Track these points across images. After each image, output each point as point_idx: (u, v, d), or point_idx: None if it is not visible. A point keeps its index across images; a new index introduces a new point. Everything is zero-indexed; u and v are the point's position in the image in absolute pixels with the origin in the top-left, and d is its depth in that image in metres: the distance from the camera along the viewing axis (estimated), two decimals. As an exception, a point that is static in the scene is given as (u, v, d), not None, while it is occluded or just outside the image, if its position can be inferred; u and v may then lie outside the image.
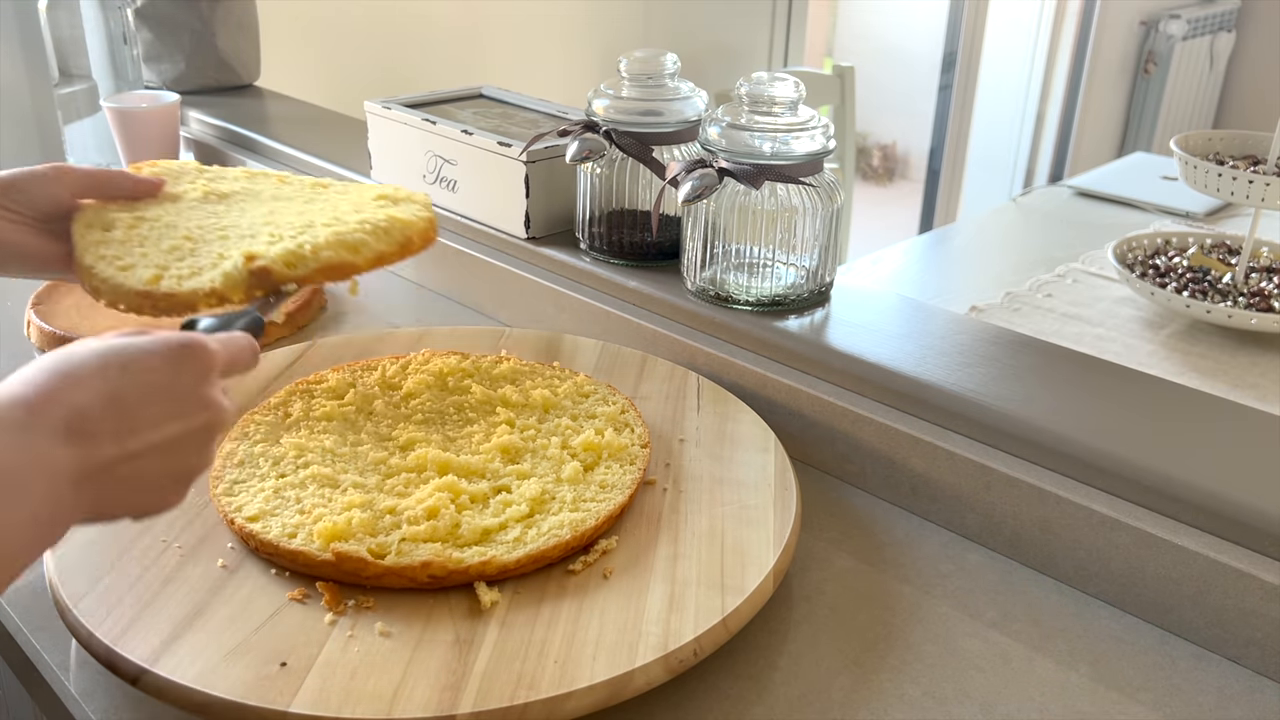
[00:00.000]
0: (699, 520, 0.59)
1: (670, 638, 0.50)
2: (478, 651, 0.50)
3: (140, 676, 0.47)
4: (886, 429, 0.67)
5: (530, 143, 0.86)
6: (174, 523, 0.58)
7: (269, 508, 0.57)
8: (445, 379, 0.72)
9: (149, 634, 0.49)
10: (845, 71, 2.09)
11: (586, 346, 0.79)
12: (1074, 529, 0.59)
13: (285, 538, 0.55)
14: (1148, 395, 0.67)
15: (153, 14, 1.35)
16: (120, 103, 1.20)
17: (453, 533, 0.56)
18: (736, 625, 0.52)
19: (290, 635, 0.50)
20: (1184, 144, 1.29)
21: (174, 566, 0.55)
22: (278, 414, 0.67)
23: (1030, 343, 0.74)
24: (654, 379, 0.75)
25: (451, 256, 0.95)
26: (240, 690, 0.46)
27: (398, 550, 0.54)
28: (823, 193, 0.75)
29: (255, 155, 1.22)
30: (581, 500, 0.59)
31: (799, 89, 0.75)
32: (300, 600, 0.53)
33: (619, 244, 0.85)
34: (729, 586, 0.54)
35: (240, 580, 0.54)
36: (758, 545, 0.57)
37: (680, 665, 0.50)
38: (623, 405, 0.69)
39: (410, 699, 0.46)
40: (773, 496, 0.61)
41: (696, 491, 0.62)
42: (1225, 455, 0.60)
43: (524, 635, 0.51)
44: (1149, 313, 1.30)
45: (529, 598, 0.53)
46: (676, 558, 0.56)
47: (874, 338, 0.73)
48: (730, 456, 0.65)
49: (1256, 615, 0.54)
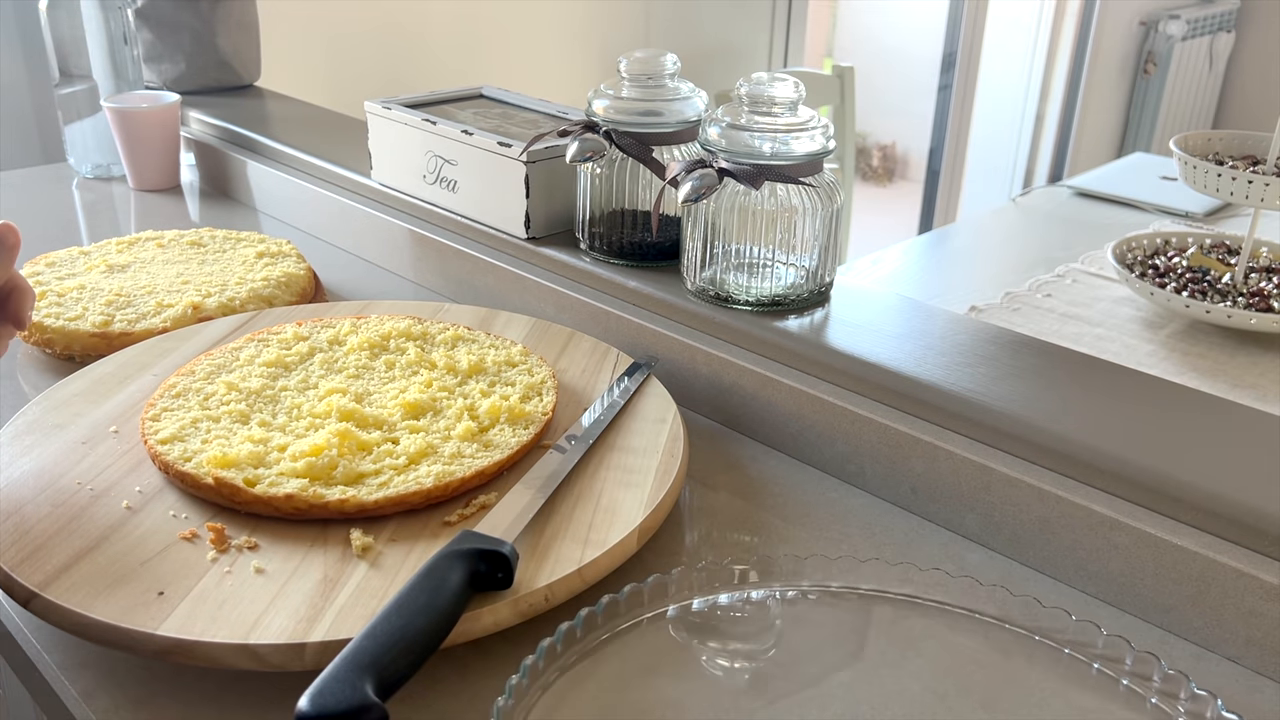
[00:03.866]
0: (581, 482, 0.63)
1: (524, 584, 0.53)
2: (340, 589, 0.53)
3: (30, 600, 0.52)
4: (886, 429, 0.67)
5: (530, 143, 0.86)
6: (93, 466, 0.62)
7: (180, 434, 0.63)
8: (388, 340, 0.76)
9: (45, 563, 0.54)
10: (845, 72, 2.09)
11: (518, 322, 0.82)
12: (1074, 529, 0.59)
13: (181, 460, 0.60)
14: (1147, 395, 0.67)
15: (153, 14, 1.35)
16: (120, 103, 1.20)
17: (326, 473, 0.60)
18: (593, 576, 0.56)
19: (173, 569, 0.54)
20: (1183, 144, 1.29)
21: (82, 506, 0.59)
22: (229, 356, 0.73)
23: (1030, 343, 0.74)
24: (576, 354, 0.78)
25: (451, 256, 0.95)
26: (116, 614, 0.50)
27: (270, 482, 0.59)
28: (822, 193, 0.75)
29: (255, 155, 1.22)
30: (460, 456, 0.63)
31: (799, 89, 0.75)
32: (190, 539, 0.57)
33: (619, 244, 0.85)
34: (592, 541, 0.57)
35: (140, 520, 0.58)
36: (630, 505, 0.60)
37: (530, 609, 0.53)
38: (544, 377, 0.72)
39: (268, 628, 0.50)
40: (657, 462, 0.64)
41: (586, 456, 0.65)
42: (1225, 455, 0.60)
43: (388, 576, 0.54)
44: (1148, 313, 1.30)
45: (401, 545, 0.57)
46: (549, 514, 0.59)
47: (874, 338, 0.73)
48: (627, 426, 0.68)
49: (1256, 615, 0.54)
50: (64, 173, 1.30)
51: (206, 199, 1.25)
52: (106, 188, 1.26)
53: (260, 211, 1.21)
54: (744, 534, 0.65)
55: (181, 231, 1.01)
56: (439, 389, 0.70)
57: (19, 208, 1.19)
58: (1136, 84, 3.34)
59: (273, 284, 0.89)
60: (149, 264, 0.94)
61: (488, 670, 0.53)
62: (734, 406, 0.75)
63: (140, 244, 0.98)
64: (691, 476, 0.70)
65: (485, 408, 0.67)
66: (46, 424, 0.66)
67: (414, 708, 0.51)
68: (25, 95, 1.44)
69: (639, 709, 0.50)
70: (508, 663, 0.53)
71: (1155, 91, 3.29)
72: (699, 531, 0.65)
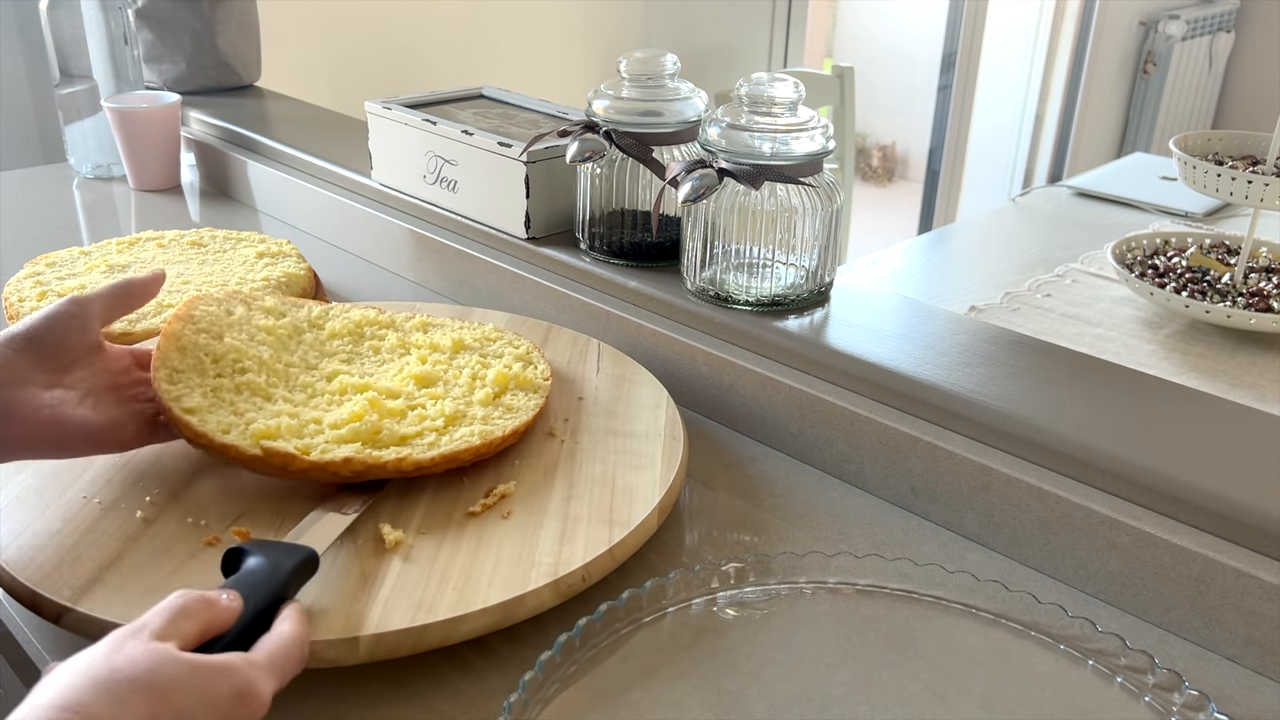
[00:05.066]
0: (593, 467, 0.64)
1: (560, 565, 0.55)
2: (381, 583, 0.54)
3: (62, 615, 0.51)
4: (886, 429, 0.67)
5: (530, 143, 0.86)
6: (95, 479, 0.62)
7: (205, 404, 0.62)
8: (362, 328, 0.76)
9: (70, 578, 0.53)
10: (845, 72, 2.09)
11: (494, 317, 0.83)
12: (1074, 529, 0.59)
13: (219, 432, 0.59)
14: (1147, 395, 0.67)
15: (153, 14, 1.35)
16: (121, 103, 1.20)
17: (373, 436, 0.61)
18: (623, 555, 0.57)
19: (205, 574, 0.54)
20: (1183, 144, 1.29)
21: (94, 519, 0.58)
22: (220, 309, 0.71)
23: (1029, 343, 0.74)
24: (558, 345, 0.79)
25: (451, 256, 0.95)
26: None
27: (321, 449, 0.59)
28: (822, 193, 0.75)
29: (255, 155, 1.22)
30: (491, 418, 0.65)
31: (799, 89, 0.75)
32: (214, 544, 0.56)
33: (619, 244, 0.85)
34: (617, 521, 0.59)
35: (157, 530, 0.58)
36: (645, 487, 0.62)
37: (569, 590, 0.54)
38: (528, 347, 0.74)
39: (320, 624, 0.50)
40: (662, 445, 0.66)
41: (591, 443, 0.67)
42: (1225, 455, 0.60)
43: (425, 569, 0.55)
44: (1148, 313, 1.30)
45: (431, 537, 0.58)
46: (570, 499, 0.61)
47: (874, 338, 0.73)
48: (625, 412, 0.70)
49: (1256, 615, 0.54)
50: (64, 173, 1.30)
51: (207, 199, 1.25)
52: (107, 188, 1.26)
53: (260, 211, 1.21)
54: (744, 534, 0.65)
55: (182, 232, 1.01)
56: (434, 364, 0.71)
57: (19, 208, 1.19)
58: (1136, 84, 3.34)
59: (273, 284, 0.89)
60: (149, 264, 0.94)
61: (490, 670, 0.53)
62: (734, 406, 0.75)
63: (141, 244, 0.98)
64: (691, 476, 0.70)
65: (492, 376, 0.69)
66: None
67: (417, 707, 0.51)
68: (25, 95, 1.44)
69: (639, 710, 0.50)
70: (510, 662, 0.54)
71: (1155, 91, 3.29)
72: (699, 531, 0.65)
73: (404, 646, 0.51)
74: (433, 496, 0.61)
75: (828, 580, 0.58)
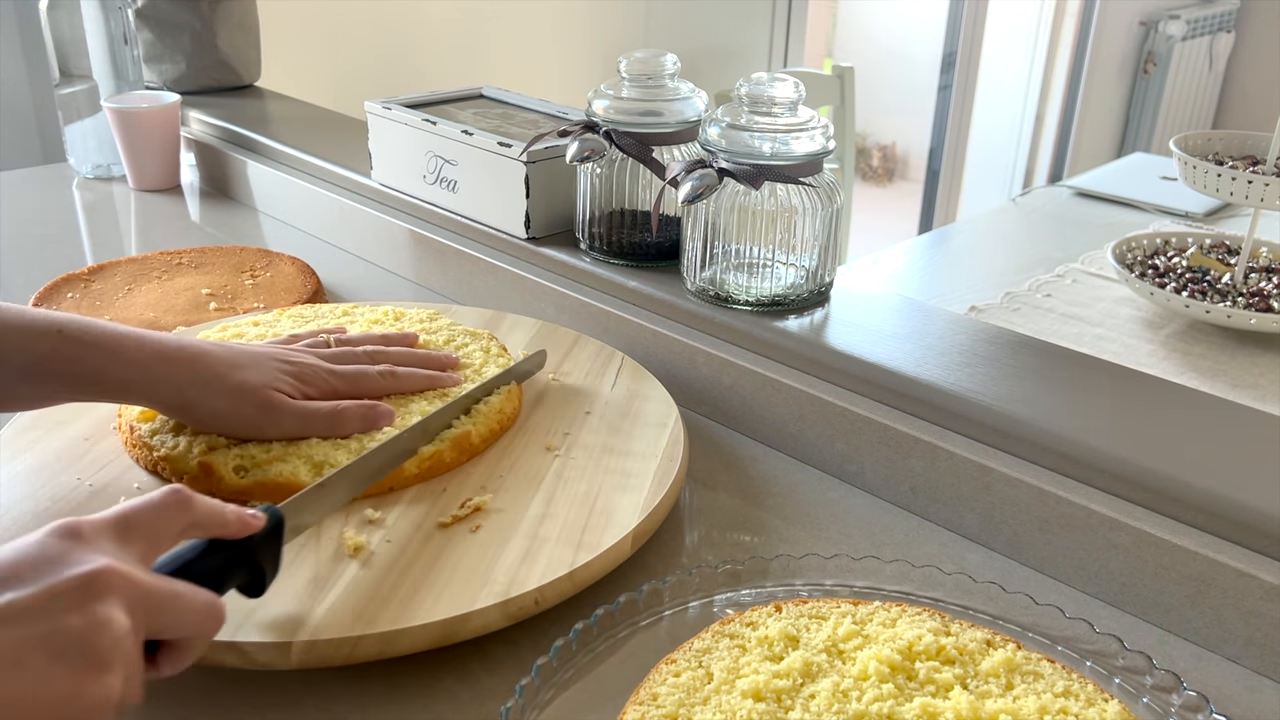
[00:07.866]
0: (578, 485, 0.62)
1: (514, 586, 0.53)
2: (330, 588, 0.53)
3: None
4: (886, 429, 0.67)
5: (530, 143, 0.86)
6: (91, 464, 0.63)
7: None
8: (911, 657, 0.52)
9: None
10: (845, 72, 2.09)
11: (524, 324, 0.82)
12: (1074, 529, 0.59)
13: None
14: (1147, 395, 0.67)
15: (153, 14, 1.35)
16: (121, 103, 1.20)
17: None
18: (584, 580, 0.55)
19: None
20: (1183, 144, 1.29)
21: (80, 501, 0.59)
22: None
23: (1030, 343, 0.74)
24: (580, 356, 0.78)
25: (451, 257, 0.95)
26: None
27: None
28: (822, 193, 0.75)
29: (255, 155, 1.22)
30: None
31: (799, 89, 0.75)
32: None
33: (619, 244, 0.85)
34: (585, 544, 0.56)
35: None
36: (625, 510, 0.59)
37: (520, 612, 0.52)
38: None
39: (256, 625, 0.49)
40: (656, 466, 0.64)
41: (585, 460, 0.65)
42: (1225, 455, 0.60)
43: (378, 577, 0.54)
44: (1148, 313, 1.30)
45: (395, 545, 0.56)
46: (545, 517, 0.59)
47: (874, 338, 0.73)
48: (629, 430, 0.68)
49: (1256, 615, 0.54)
50: (64, 173, 1.30)
51: (206, 199, 1.25)
52: (107, 188, 1.26)
53: (260, 211, 1.21)
54: (744, 534, 0.65)
55: None
56: None
57: (19, 208, 1.19)
58: (1136, 84, 3.35)
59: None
60: None
61: (488, 674, 0.53)
62: (734, 406, 0.75)
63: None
64: (691, 477, 0.70)
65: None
66: (50, 420, 0.66)
67: (414, 710, 0.51)
68: (25, 95, 1.44)
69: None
70: (508, 666, 0.53)
71: (1155, 91, 3.29)
72: (699, 532, 0.65)
73: (337, 657, 0.49)
74: (410, 503, 0.60)
75: (824, 583, 0.58)
